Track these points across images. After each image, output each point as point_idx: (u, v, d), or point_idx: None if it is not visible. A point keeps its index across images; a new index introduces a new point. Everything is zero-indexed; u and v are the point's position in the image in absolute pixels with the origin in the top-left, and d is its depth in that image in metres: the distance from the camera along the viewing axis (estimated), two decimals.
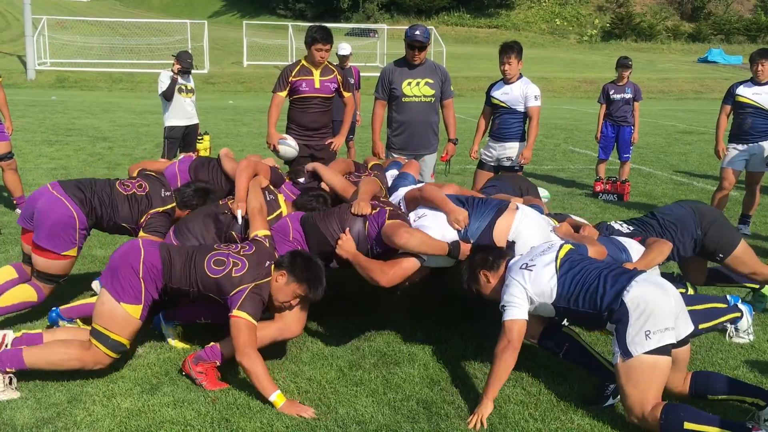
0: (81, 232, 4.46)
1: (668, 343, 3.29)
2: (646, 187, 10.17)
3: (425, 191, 4.35)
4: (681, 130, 18.15)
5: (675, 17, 53.98)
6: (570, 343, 3.85)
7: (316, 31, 6.21)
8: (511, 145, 7.03)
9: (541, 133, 16.66)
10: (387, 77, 6.48)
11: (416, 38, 6.21)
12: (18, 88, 24.60)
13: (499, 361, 3.51)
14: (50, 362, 3.70)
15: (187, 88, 8.95)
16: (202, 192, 4.75)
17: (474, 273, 3.86)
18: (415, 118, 6.46)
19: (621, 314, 3.35)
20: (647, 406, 3.26)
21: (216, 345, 3.88)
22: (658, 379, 3.29)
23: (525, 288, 3.60)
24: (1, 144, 7.36)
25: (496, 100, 7.07)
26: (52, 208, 4.38)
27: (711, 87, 32.42)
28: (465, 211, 4.14)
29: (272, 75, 30.61)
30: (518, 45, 6.96)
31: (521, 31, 52.63)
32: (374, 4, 52.72)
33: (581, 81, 32.69)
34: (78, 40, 32.08)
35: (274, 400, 3.55)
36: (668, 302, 3.35)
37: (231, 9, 61.44)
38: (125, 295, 3.71)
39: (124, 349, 3.78)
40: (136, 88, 27.22)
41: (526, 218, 4.18)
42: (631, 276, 3.48)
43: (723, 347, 4.48)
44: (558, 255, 3.69)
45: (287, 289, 3.87)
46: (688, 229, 4.71)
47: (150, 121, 16.68)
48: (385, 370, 4.09)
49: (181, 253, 3.91)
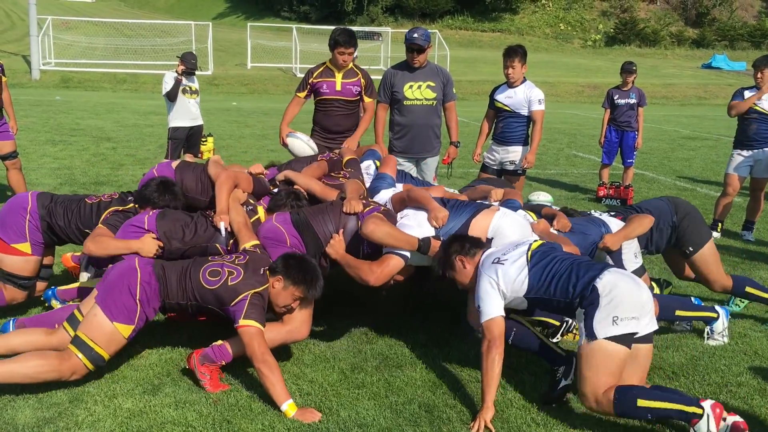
0: (31, 223, 4.48)
1: (632, 332, 3.38)
2: (650, 193, 10.16)
3: (412, 192, 4.44)
4: (684, 136, 18.13)
5: (679, 23, 53.97)
6: (517, 329, 3.94)
7: (339, 34, 6.19)
8: (515, 148, 7.03)
9: (544, 137, 16.64)
10: (389, 81, 6.49)
11: (414, 41, 6.21)
12: (22, 87, 24.64)
13: (487, 362, 3.55)
14: (25, 375, 3.58)
15: (192, 89, 8.96)
16: (163, 186, 4.60)
17: (450, 259, 3.91)
18: (416, 121, 6.47)
19: (592, 298, 3.44)
20: (600, 390, 3.34)
21: (225, 344, 3.86)
22: (615, 366, 3.37)
23: (497, 283, 3.67)
24: (5, 143, 7.37)
25: (499, 103, 7.06)
26: (12, 200, 4.63)
27: (715, 93, 32.38)
28: (446, 210, 4.23)
29: (276, 77, 30.66)
30: (522, 49, 6.94)
31: (525, 36, 52.63)
32: (378, 7, 52.79)
33: (585, 86, 32.67)
34: (82, 41, 32.12)
35: (286, 409, 3.52)
36: (639, 294, 3.45)
37: (235, 11, 61.52)
38: (119, 315, 3.70)
39: (102, 363, 3.73)
40: (140, 89, 27.25)
41: (505, 217, 4.26)
42: (603, 267, 3.59)
43: (726, 354, 4.47)
44: (529, 249, 3.77)
45: (286, 294, 3.87)
46: (664, 216, 4.81)
47: (154, 122, 16.70)
48: (387, 373, 4.08)
49: (176, 268, 3.90)
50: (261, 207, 4.71)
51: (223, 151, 12.40)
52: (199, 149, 9.41)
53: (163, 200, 4.54)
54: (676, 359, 4.36)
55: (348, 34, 6.21)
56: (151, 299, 3.79)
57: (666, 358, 4.35)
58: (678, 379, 4.09)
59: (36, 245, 4.54)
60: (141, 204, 4.57)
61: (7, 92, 7.45)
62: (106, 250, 4.19)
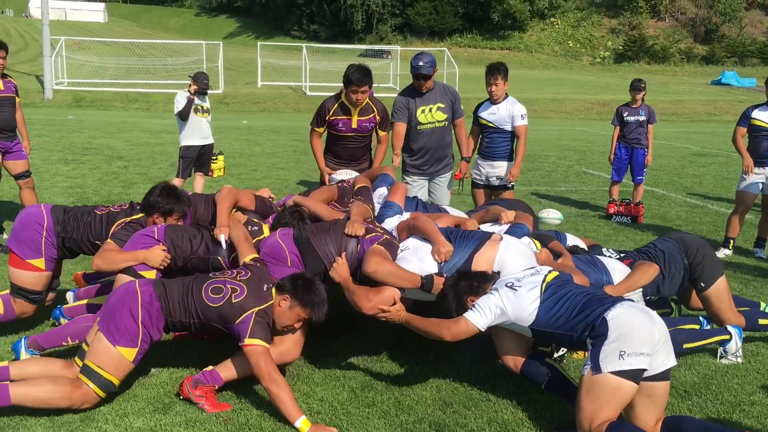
0: (47, 239, 4.50)
1: (640, 368, 3.27)
2: (660, 210, 10.13)
3: (418, 221, 4.39)
4: (695, 153, 18.09)
5: (688, 40, 54.04)
6: (552, 374, 3.83)
7: (352, 72, 5.99)
8: (500, 164, 7.08)
9: (553, 154, 16.67)
10: (405, 105, 6.51)
11: (420, 69, 6.27)
12: (35, 107, 24.89)
13: (432, 323, 3.74)
14: (38, 399, 3.59)
15: (203, 108, 9.03)
16: (167, 190, 4.61)
17: (461, 301, 3.88)
18: (430, 144, 6.61)
19: (601, 330, 3.37)
20: (595, 422, 3.26)
21: (215, 369, 3.86)
22: (617, 401, 3.29)
23: (504, 305, 3.65)
24: (19, 162, 7.44)
25: (483, 120, 7.09)
26: (26, 214, 4.62)
27: (725, 109, 32.32)
28: (450, 245, 4.17)
29: (286, 96, 30.85)
30: (504, 66, 6.98)
31: (534, 53, 52.83)
32: (387, 26, 53.18)
33: (594, 103, 32.68)
34: (95, 61, 32.48)
35: (300, 426, 3.51)
36: (650, 329, 3.34)
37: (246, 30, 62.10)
38: (120, 339, 3.69)
39: (113, 389, 3.74)
40: (151, 108, 27.48)
41: (510, 248, 4.20)
42: (616, 300, 3.52)
43: (739, 372, 4.43)
44: (545, 279, 3.72)
45: (291, 314, 3.85)
46: (675, 260, 4.68)
47: (165, 140, 16.82)
48: (398, 391, 4.07)
49: (177, 285, 3.89)
50: (266, 226, 4.71)
51: (233, 169, 12.46)
52: (209, 168, 9.46)
53: (168, 204, 4.54)
54: (688, 378, 4.32)
55: (361, 71, 6.02)
56: (154, 320, 3.77)
57: (678, 377, 4.32)
58: (690, 397, 4.06)
59: (50, 261, 4.57)
60: (148, 212, 4.57)
61: (20, 112, 7.53)
62: (115, 264, 4.20)
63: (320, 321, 3.95)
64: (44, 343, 4.22)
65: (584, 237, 6.37)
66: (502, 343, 3.97)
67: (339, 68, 31.93)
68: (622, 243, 7.81)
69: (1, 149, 7.17)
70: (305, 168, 13.35)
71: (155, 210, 4.53)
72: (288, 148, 16.49)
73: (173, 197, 4.59)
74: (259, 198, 5.00)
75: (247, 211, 4.79)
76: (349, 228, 4.31)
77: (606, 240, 7.90)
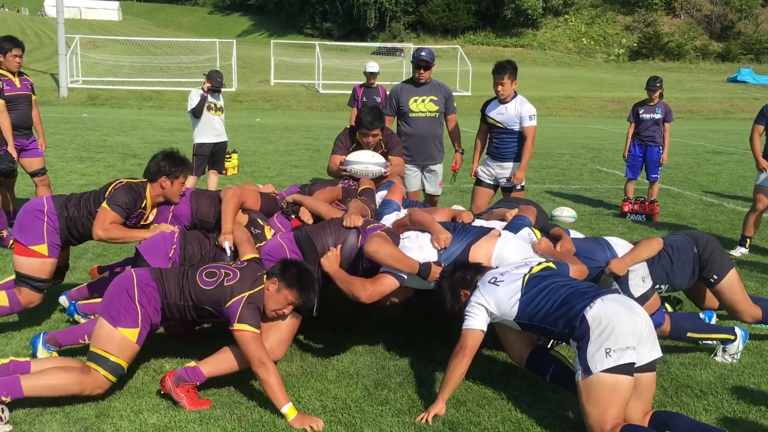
0: (49, 225, 4.53)
1: (629, 362, 3.25)
2: (675, 208, 10.05)
3: (414, 215, 4.44)
4: (710, 150, 17.95)
5: (704, 37, 53.61)
6: (556, 367, 3.84)
7: (364, 114, 5.75)
8: (509, 165, 6.99)
9: (568, 152, 16.59)
10: (395, 96, 7.06)
11: (422, 57, 6.82)
12: (51, 105, 25.10)
13: (452, 365, 3.68)
14: (50, 387, 3.61)
15: (217, 106, 9.06)
16: (171, 156, 4.70)
17: (455, 293, 3.89)
18: (421, 131, 7.00)
19: (582, 331, 3.34)
20: (606, 426, 3.23)
21: (197, 366, 3.85)
22: (619, 398, 3.25)
23: (487, 302, 3.67)
24: (35, 160, 7.50)
25: (491, 119, 6.97)
26: (28, 203, 4.68)
27: (741, 107, 32.06)
28: (448, 233, 4.21)
29: (299, 93, 30.92)
30: (512, 64, 6.84)
31: (547, 51, 52.60)
32: (400, 24, 53.13)
33: (608, 100, 32.52)
34: (109, 59, 32.70)
35: (286, 412, 3.58)
36: (632, 322, 3.32)
37: (259, 28, 62.25)
38: (121, 320, 3.73)
39: (122, 372, 3.76)
40: (165, 106, 27.62)
41: (507, 243, 4.22)
42: (596, 294, 3.46)
43: (755, 372, 4.39)
44: (529, 272, 3.73)
45: (279, 297, 3.86)
46: (684, 249, 4.64)
47: (179, 138, 16.90)
48: (411, 390, 4.06)
49: (173, 271, 3.96)
50: (268, 229, 4.74)
51: (246, 167, 12.50)
52: (223, 165, 9.49)
53: (173, 166, 4.61)
54: (704, 377, 4.29)
55: (373, 114, 5.73)
56: (151, 299, 3.81)
57: (694, 376, 4.29)
58: (706, 397, 4.03)
59: (53, 247, 4.58)
60: (153, 177, 4.64)
61: (36, 110, 7.59)
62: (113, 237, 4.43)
63: (310, 306, 3.94)
64: (62, 339, 4.26)
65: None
66: (506, 337, 3.99)
67: (352, 66, 32.14)
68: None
69: (18, 147, 7.22)
70: (318, 166, 13.37)
71: (162, 173, 4.61)
72: (301, 146, 16.52)
73: (178, 160, 4.69)
74: (264, 196, 5.02)
75: (251, 212, 4.82)
76: (347, 220, 4.36)
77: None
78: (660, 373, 4.32)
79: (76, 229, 4.62)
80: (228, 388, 3.98)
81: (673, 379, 4.25)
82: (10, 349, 4.41)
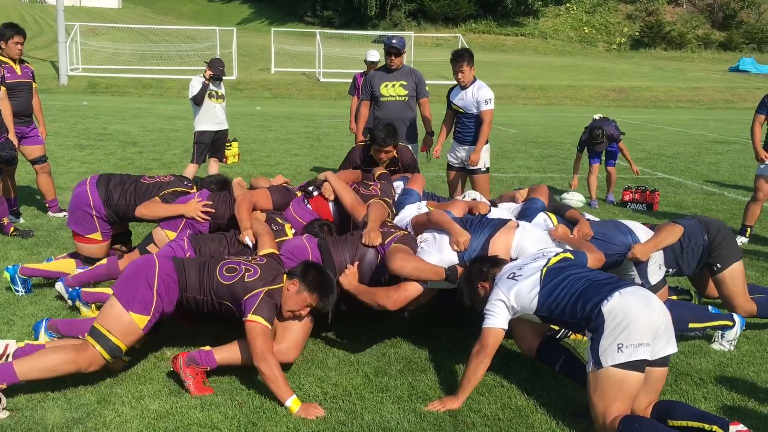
0: (97, 216, 5.20)
1: (641, 359, 3.24)
2: (676, 197, 10.05)
3: (432, 216, 4.43)
4: (711, 140, 17.91)
5: (706, 26, 53.37)
6: (566, 357, 3.84)
7: (378, 132, 5.80)
8: (471, 148, 7.18)
9: (568, 141, 16.54)
10: (369, 82, 7.51)
11: (392, 45, 7.25)
12: (50, 93, 25.02)
13: (472, 365, 3.68)
14: (44, 369, 3.60)
15: (218, 94, 9.04)
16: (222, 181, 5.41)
17: (473, 286, 3.89)
18: (391, 114, 7.34)
19: (597, 323, 3.34)
20: (609, 419, 3.24)
21: (212, 351, 3.88)
22: (626, 393, 3.25)
23: (507, 298, 3.65)
24: (35, 148, 7.49)
25: (454, 105, 7.25)
26: (75, 195, 5.27)
27: (742, 96, 31.96)
28: (467, 234, 4.20)
29: (299, 82, 30.83)
30: (468, 52, 7.11)
31: (549, 39, 52.37)
32: (401, 12, 52.85)
33: (609, 89, 32.42)
34: (109, 47, 32.60)
35: (290, 405, 3.58)
36: (649, 317, 3.29)
37: (259, 16, 61.99)
38: (135, 304, 3.73)
39: (119, 354, 3.76)
40: (165, 94, 27.55)
41: (526, 233, 4.23)
42: (615, 287, 3.44)
43: (755, 360, 4.41)
44: (546, 264, 3.71)
45: (298, 298, 3.89)
46: (695, 235, 4.63)
47: (179, 126, 16.87)
48: (411, 377, 4.08)
49: (195, 263, 3.97)
50: (288, 226, 4.80)
51: (246, 156, 12.48)
52: (224, 154, 9.48)
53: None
54: (704, 365, 4.30)
55: (386, 131, 5.76)
56: (170, 290, 3.82)
57: (693, 365, 4.31)
58: (705, 385, 4.04)
59: (105, 232, 5.29)
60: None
61: (37, 98, 7.58)
62: (156, 213, 4.98)
63: (326, 310, 3.99)
64: (63, 329, 4.27)
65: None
66: (516, 328, 3.98)
67: (352, 54, 31.98)
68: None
69: (18, 134, 7.22)
70: (318, 154, 13.36)
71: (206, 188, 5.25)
72: (301, 135, 16.50)
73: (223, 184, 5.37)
74: (274, 189, 5.06)
75: (267, 211, 4.89)
76: (366, 238, 4.35)
77: None
78: None
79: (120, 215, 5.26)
80: (229, 375, 4.00)
81: (672, 368, 4.25)
82: (12, 336, 4.42)
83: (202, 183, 5.42)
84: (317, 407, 3.62)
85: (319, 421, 3.51)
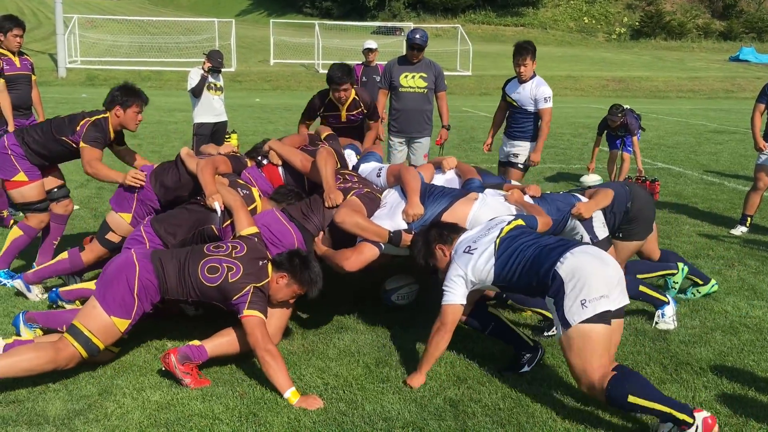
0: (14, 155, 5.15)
1: (605, 310, 3.34)
2: (676, 187, 10.05)
3: (405, 173, 4.56)
4: (712, 130, 17.89)
5: (706, 15, 53.24)
6: (495, 323, 4.11)
7: (333, 71, 5.98)
8: (520, 143, 7.13)
9: (568, 132, 16.53)
10: (388, 71, 7.47)
11: (416, 41, 7.19)
12: (49, 85, 24.98)
13: (433, 340, 3.79)
14: (22, 369, 3.58)
15: (217, 86, 9.02)
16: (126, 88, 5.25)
17: (430, 247, 3.98)
18: (410, 105, 7.39)
19: (557, 287, 3.44)
20: (593, 375, 3.30)
21: (202, 345, 3.88)
22: (600, 346, 3.33)
23: (465, 272, 3.75)
24: None
25: (509, 98, 7.15)
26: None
27: (743, 86, 31.90)
28: (421, 209, 4.33)
29: (298, 73, 30.76)
30: (532, 45, 6.97)
31: (548, 30, 52.24)
32: (400, 3, 52.71)
33: (610, 80, 32.36)
34: (107, 39, 32.49)
35: (289, 396, 3.60)
36: (604, 270, 3.42)
37: (258, 8, 61.80)
38: (117, 310, 3.72)
39: (96, 354, 3.76)
40: (164, 86, 27.49)
41: (484, 206, 4.34)
42: (566, 248, 3.55)
43: (755, 349, 4.41)
44: (499, 235, 3.80)
45: (287, 290, 3.98)
46: (621, 202, 4.86)
47: (178, 118, 16.84)
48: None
49: (173, 262, 3.89)
50: (255, 190, 4.79)
51: (246, 147, 12.35)
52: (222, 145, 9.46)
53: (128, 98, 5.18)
54: (704, 355, 4.31)
55: (342, 70, 5.99)
56: (149, 294, 3.82)
57: (693, 354, 4.31)
58: (705, 374, 4.05)
59: (29, 172, 5.19)
60: (108, 106, 5.22)
61: (36, 90, 7.55)
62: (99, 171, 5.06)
63: (314, 297, 4.06)
64: (40, 320, 4.22)
65: None
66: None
67: (351, 46, 31.93)
68: None
69: (18, 127, 7.20)
70: None
71: (115, 103, 5.13)
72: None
73: (132, 91, 5.20)
74: (231, 157, 5.07)
75: (229, 175, 4.86)
76: (327, 201, 4.46)
77: None
78: (660, 350, 4.36)
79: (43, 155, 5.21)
80: (230, 366, 4.01)
81: (672, 357, 4.27)
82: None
83: (110, 100, 5.28)
84: (316, 398, 3.63)
85: (320, 412, 3.52)
